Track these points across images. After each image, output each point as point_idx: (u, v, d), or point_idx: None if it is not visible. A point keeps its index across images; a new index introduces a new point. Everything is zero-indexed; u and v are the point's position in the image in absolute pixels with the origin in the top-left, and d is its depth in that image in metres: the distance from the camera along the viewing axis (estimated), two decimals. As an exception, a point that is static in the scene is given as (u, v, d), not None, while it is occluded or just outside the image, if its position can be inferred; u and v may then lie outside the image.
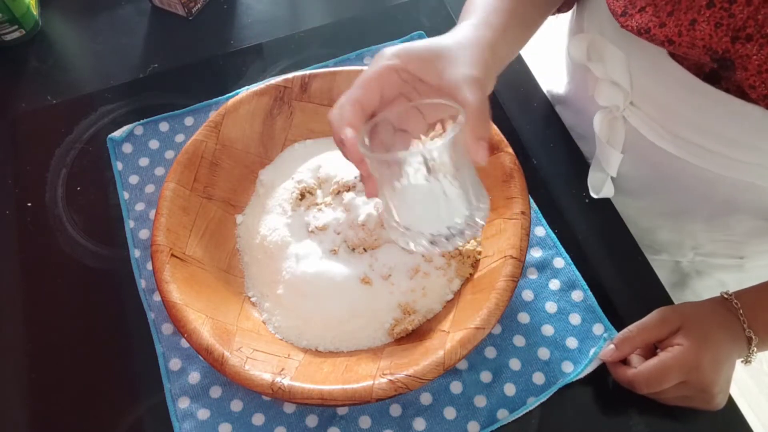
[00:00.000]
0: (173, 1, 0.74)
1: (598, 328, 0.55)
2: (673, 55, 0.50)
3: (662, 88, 0.52)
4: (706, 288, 0.69)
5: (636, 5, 0.49)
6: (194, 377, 0.53)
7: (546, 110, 0.70)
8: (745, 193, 0.53)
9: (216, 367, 0.48)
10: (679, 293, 0.71)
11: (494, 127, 0.60)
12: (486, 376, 0.54)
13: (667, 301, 0.58)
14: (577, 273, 0.58)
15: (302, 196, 0.59)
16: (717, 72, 0.48)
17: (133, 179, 0.64)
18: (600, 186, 0.63)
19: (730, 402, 0.53)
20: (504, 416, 0.52)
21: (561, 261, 0.59)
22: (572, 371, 0.53)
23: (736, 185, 0.53)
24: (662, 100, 0.53)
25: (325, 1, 0.81)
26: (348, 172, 0.58)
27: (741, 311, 0.50)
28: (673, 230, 0.65)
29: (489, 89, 0.45)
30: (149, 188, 0.63)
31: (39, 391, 0.55)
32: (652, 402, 0.52)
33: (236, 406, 0.52)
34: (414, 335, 0.53)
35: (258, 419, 0.52)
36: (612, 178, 0.62)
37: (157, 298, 0.57)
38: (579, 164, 0.66)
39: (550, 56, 0.84)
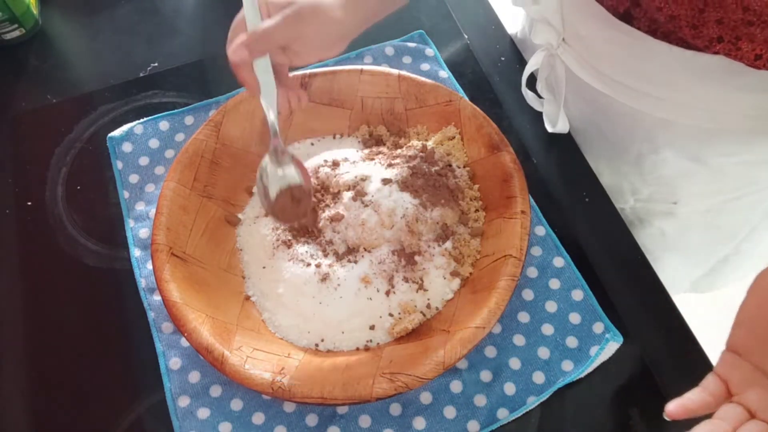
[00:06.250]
0: None
1: (598, 327, 0.55)
2: None
3: (587, 26, 0.56)
4: (648, 236, 0.70)
5: None
6: (194, 376, 0.53)
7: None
8: (666, 131, 0.58)
9: (216, 366, 0.48)
10: None
11: (494, 126, 0.60)
12: (486, 376, 0.53)
13: (667, 302, 0.58)
14: (577, 272, 0.58)
15: (302, 195, 0.59)
16: (630, 11, 0.51)
17: (133, 178, 0.64)
18: (555, 119, 0.65)
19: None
20: (504, 415, 0.52)
21: (561, 260, 0.59)
22: (572, 370, 0.53)
23: (656, 123, 0.57)
24: (588, 38, 0.57)
25: (325, 1, 0.80)
26: (348, 171, 0.58)
27: None
28: (612, 174, 0.67)
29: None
30: (149, 187, 0.63)
31: (39, 390, 0.55)
32: (652, 402, 0.52)
33: (236, 405, 0.52)
34: (414, 334, 0.53)
35: (258, 418, 0.52)
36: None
37: (157, 297, 0.57)
38: (579, 164, 0.66)
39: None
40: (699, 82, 0.51)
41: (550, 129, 0.66)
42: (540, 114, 0.68)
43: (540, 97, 0.68)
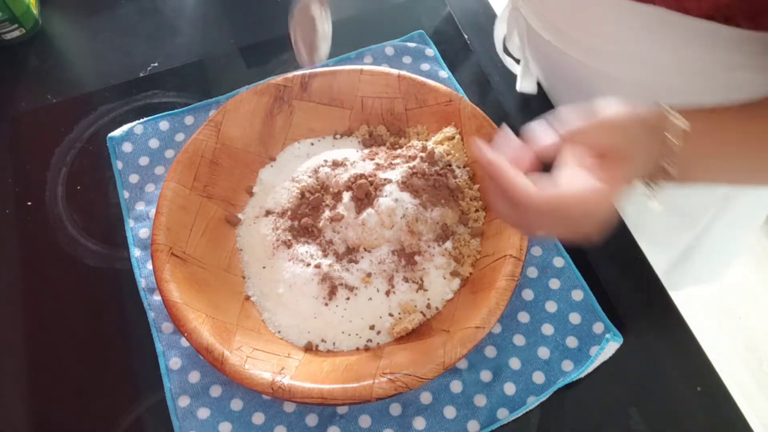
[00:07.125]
0: None
1: (598, 327, 0.55)
2: None
3: None
4: None
5: None
6: (194, 376, 0.53)
7: (545, 106, 0.70)
8: (613, 89, 0.56)
9: (216, 366, 0.48)
10: None
11: (495, 126, 0.60)
12: (486, 376, 0.54)
13: (667, 302, 0.58)
14: (577, 273, 0.58)
15: (302, 195, 0.59)
16: None
17: (133, 178, 0.64)
18: (524, 75, 0.66)
19: (730, 402, 0.53)
20: (504, 415, 0.52)
21: (561, 260, 0.59)
22: (572, 370, 0.53)
23: (606, 81, 0.57)
24: None
25: (325, 1, 0.81)
26: (347, 171, 0.58)
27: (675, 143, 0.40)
28: None
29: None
30: (149, 187, 0.63)
31: (39, 390, 0.55)
32: (652, 401, 0.52)
33: (236, 405, 0.52)
34: (414, 334, 0.53)
35: (258, 418, 0.52)
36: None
37: (157, 297, 0.57)
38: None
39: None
40: (638, 35, 0.51)
41: (518, 88, 0.67)
42: (538, 111, 0.68)
43: (517, 61, 0.69)
